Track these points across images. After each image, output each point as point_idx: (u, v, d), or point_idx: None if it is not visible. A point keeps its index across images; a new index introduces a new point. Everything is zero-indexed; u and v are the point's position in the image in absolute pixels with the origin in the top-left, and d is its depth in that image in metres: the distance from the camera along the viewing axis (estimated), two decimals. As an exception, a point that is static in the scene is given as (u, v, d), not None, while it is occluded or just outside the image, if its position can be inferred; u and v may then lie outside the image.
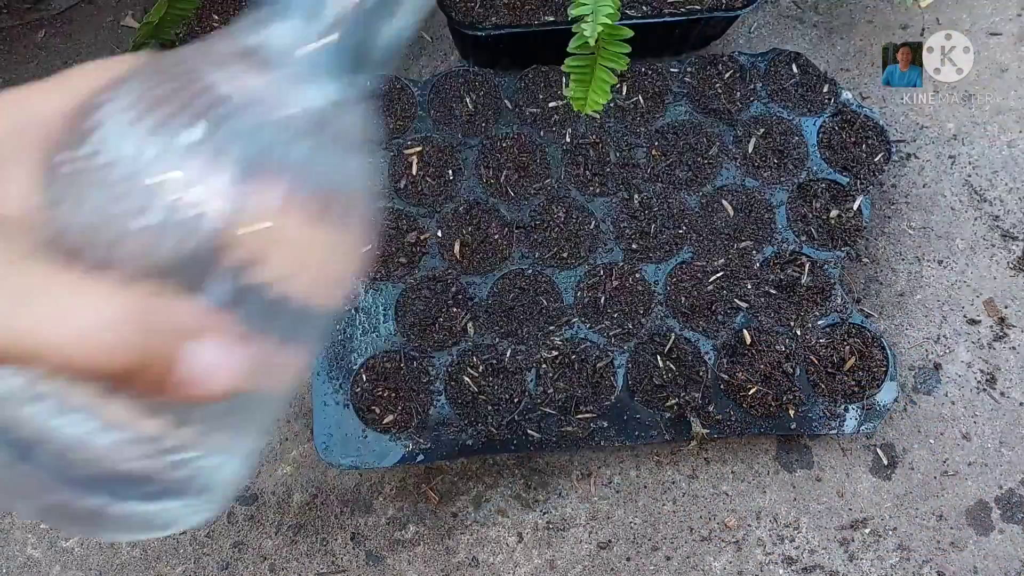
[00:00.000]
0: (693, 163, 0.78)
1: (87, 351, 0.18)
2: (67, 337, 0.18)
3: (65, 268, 0.19)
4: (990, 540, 0.77)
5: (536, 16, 0.81)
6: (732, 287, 0.75)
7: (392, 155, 0.78)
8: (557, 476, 0.78)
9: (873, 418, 0.73)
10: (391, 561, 0.75)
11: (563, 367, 0.72)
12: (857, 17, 0.94)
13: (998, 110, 0.90)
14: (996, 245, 0.85)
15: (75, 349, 0.18)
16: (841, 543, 0.76)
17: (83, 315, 0.19)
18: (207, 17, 0.82)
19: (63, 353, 0.18)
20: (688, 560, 0.76)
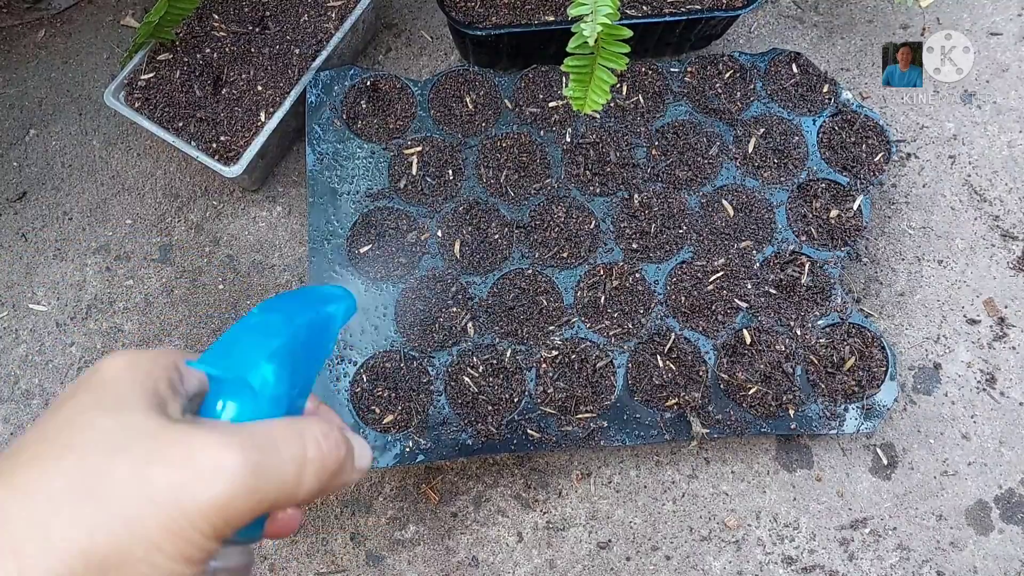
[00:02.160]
0: (693, 163, 0.78)
1: (320, 467, 0.25)
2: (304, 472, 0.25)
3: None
4: (990, 540, 0.77)
5: (536, 16, 0.81)
6: (732, 287, 0.75)
7: (392, 155, 0.78)
8: (557, 476, 0.78)
9: (873, 418, 0.73)
10: (391, 561, 0.75)
11: (563, 367, 0.72)
12: (857, 17, 0.94)
13: (998, 110, 0.90)
14: (996, 245, 0.85)
15: (311, 476, 0.25)
16: (841, 543, 0.76)
17: (310, 437, 0.26)
18: (207, 17, 0.82)
19: (305, 484, 0.25)
20: (688, 560, 0.76)
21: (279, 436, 0.25)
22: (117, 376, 0.25)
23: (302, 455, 0.25)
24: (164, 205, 0.86)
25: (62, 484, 0.21)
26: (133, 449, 0.22)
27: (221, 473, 0.22)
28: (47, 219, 0.86)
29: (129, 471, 0.22)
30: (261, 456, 0.23)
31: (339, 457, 0.27)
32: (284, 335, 0.30)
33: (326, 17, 0.82)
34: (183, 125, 0.79)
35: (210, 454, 0.23)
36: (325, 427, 0.27)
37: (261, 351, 0.29)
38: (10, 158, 0.88)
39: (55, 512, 0.21)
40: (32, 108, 0.90)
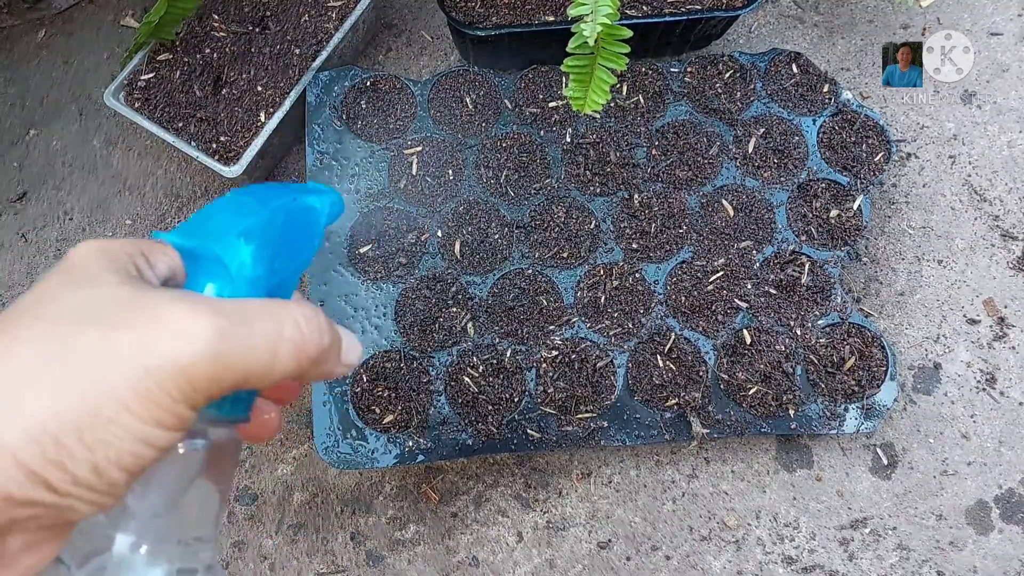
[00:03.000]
0: (693, 163, 0.78)
1: (298, 346, 0.25)
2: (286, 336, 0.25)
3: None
4: (989, 540, 0.77)
5: (536, 16, 0.81)
6: (732, 287, 0.75)
7: (392, 155, 0.78)
8: (557, 476, 0.78)
9: (873, 418, 0.73)
10: (391, 560, 0.75)
11: (563, 367, 0.72)
12: (857, 17, 0.94)
13: (998, 110, 0.90)
14: (996, 245, 0.85)
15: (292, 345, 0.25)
16: (841, 542, 0.76)
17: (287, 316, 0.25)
18: (207, 17, 0.82)
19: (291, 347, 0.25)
20: (688, 559, 0.76)
21: (252, 310, 0.25)
22: (86, 257, 0.25)
23: (277, 331, 0.25)
24: (164, 205, 0.87)
25: (31, 351, 0.22)
26: (101, 316, 0.23)
27: (186, 336, 0.22)
28: (48, 219, 0.86)
29: (96, 335, 0.22)
30: (230, 325, 0.23)
31: (320, 343, 0.26)
32: (259, 215, 0.29)
33: (326, 17, 0.82)
34: (183, 125, 0.79)
35: (176, 317, 0.23)
36: (308, 311, 0.26)
37: (233, 228, 0.28)
38: (11, 158, 0.88)
39: (24, 378, 0.21)
40: (33, 108, 0.90)
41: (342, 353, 0.28)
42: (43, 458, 0.21)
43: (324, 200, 0.32)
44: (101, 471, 0.22)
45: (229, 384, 0.23)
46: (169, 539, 0.27)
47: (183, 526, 0.27)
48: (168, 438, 0.23)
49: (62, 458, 0.21)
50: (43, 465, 0.21)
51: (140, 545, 0.26)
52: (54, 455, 0.21)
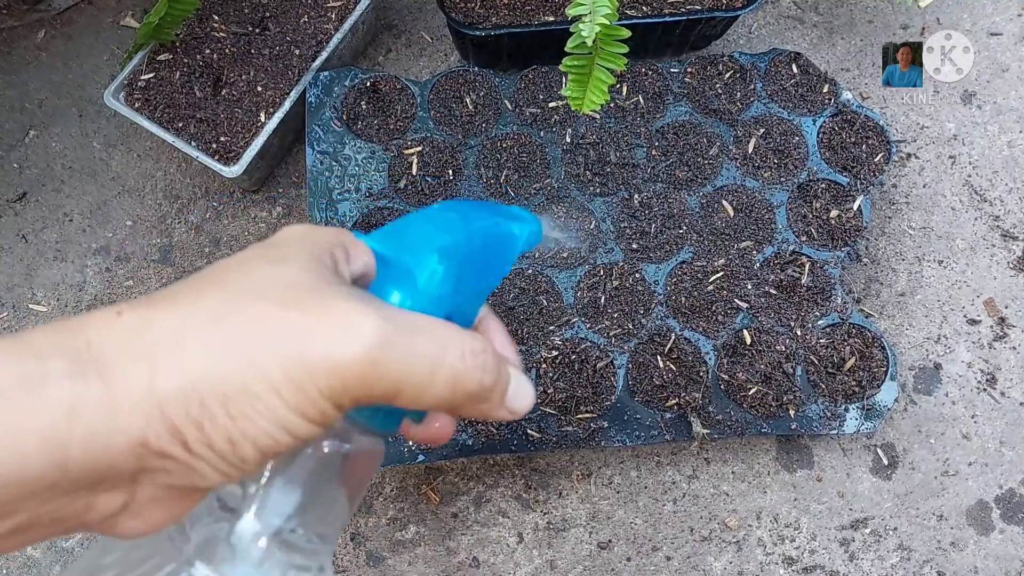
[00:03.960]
0: (693, 163, 0.78)
1: (457, 377, 0.24)
2: (447, 364, 0.24)
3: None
4: (990, 540, 0.76)
5: (536, 16, 0.81)
6: (732, 287, 0.75)
7: (392, 155, 0.78)
8: (557, 476, 0.78)
9: (873, 418, 0.73)
10: (392, 561, 0.75)
11: (563, 367, 0.72)
12: (857, 17, 0.94)
13: (998, 110, 0.90)
14: (996, 245, 0.85)
15: (454, 374, 0.24)
16: (841, 543, 0.76)
17: (455, 343, 0.24)
18: (207, 18, 0.82)
19: (446, 378, 0.24)
20: (689, 560, 0.76)
21: (424, 328, 0.24)
22: (291, 236, 0.26)
23: (440, 355, 0.24)
24: (164, 206, 0.87)
25: (205, 312, 0.22)
26: (280, 294, 0.23)
27: (350, 334, 0.22)
28: (47, 220, 0.86)
29: (267, 311, 0.22)
30: (397, 336, 0.23)
31: (480, 380, 0.25)
32: (458, 234, 0.29)
33: (326, 18, 0.82)
34: (183, 126, 0.79)
35: (347, 314, 0.22)
36: (479, 345, 0.25)
37: (431, 243, 0.28)
38: (10, 159, 0.88)
39: (194, 333, 0.22)
40: (32, 109, 0.90)
41: (507, 397, 0.27)
42: (186, 415, 0.21)
43: (524, 228, 0.32)
44: (236, 443, 0.22)
45: (380, 393, 0.23)
46: (290, 536, 0.26)
47: (308, 524, 0.27)
48: (307, 430, 0.22)
49: (203, 420, 0.21)
50: (184, 422, 0.21)
51: (260, 536, 0.26)
52: (197, 415, 0.21)
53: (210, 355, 0.21)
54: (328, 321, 0.22)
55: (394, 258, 0.28)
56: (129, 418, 0.20)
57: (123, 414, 0.20)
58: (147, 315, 0.22)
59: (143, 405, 0.21)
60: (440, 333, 0.24)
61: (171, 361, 0.21)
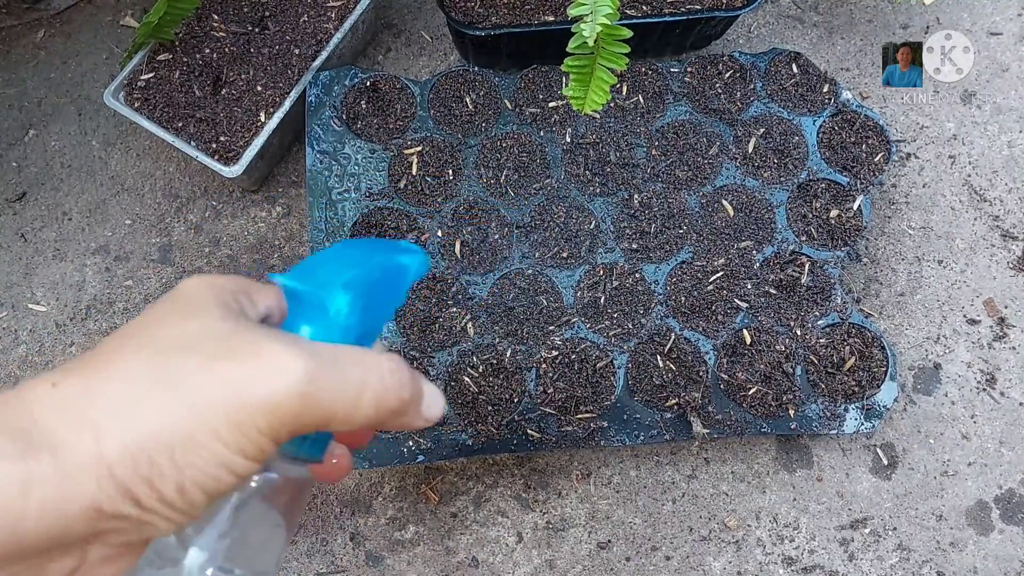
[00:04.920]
0: (693, 163, 0.78)
1: (380, 396, 0.26)
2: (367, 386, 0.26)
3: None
4: (990, 540, 0.76)
5: (536, 16, 0.81)
6: (732, 287, 0.75)
7: (392, 155, 0.78)
8: (557, 476, 0.78)
9: (873, 418, 0.73)
10: (391, 561, 0.75)
11: (563, 367, 0.72)
12: (857, 17, 0.94)
13: (998, 110, 0.90)
14: (996, 245, 0.85)
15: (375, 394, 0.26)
16: (841, 543, 0.76)
17: (374, 366, 0.26)
18: (207, 17, 0.82)
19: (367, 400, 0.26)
20: (688, 560, 0.76)
21: (344, 357, 0.26)
22: (194, 290, 0.27)
23: (363, 379, 0.26)
24: (164, 205, 0.86)
25: (138, 373, 0.23)
26: (205, 346, 0.24)
27: (282, 373, 0.24)
28: (46, 219, 0.86)
29: (199, 364, 0.23)
30: (322, 368, 0.24)
31: (400, 395, 0.27)
32: (361, 268, 0.31)
33: (326, 17, 0.82)
34: (183, 125, 0.78)
35: (275, 356, 0.24)
36: (394, 364, 0.27)
37: (339, 277, 0.30)
38: (9, 158, 0.88)
39: (132, 395, 0.23)
40: (31, 108, 0.90)
41: (422, 407, 0.30)
42: (136, 474, 0.22)
43: (415, 260, 0.35)
44: (185, 492, 0.23)
45: (313, 423, 0.25)
46: (235, 565, 0.28)
47: (248, 558, 0.28)
48: (248, 468, 0.24)
49: (152, 476, 0.22)
50: (134, 481, 0.22)
51: (209, 566, 0.27)
52: (146, 472, 0.22)
53: (151, 413, 0.22)
54: (258, 364, 0.24)
55: (305, 293, 0.30)
56: (81, 486, 0.21)
57: (75, 483, 0.21)
58: (83, 384, 0.23)
59: (93, 471, 0.22)
60: (360, 359, 0.26)
61: (115, 425, 0.22)
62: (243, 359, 0.24)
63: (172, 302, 0.27)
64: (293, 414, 0.24)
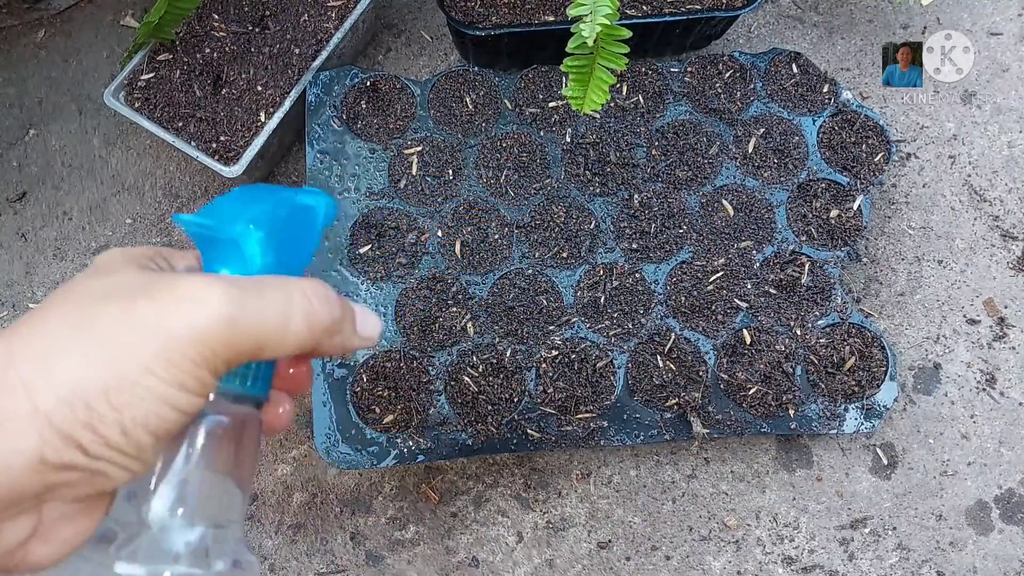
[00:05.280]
0: (693, 163, 0.78)
1: (309, 315, 0.26)
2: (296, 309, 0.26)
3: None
4: (989, 540, 0.77)
5: (536, 16, 0.81)
6: (732, 287, 0.75)
7: (392, 154, 0.78)
8: (557, 476, 0.78)
9: (873, 418, 0.73)
10: (391, 561, 0.75)
11: (563, 367, 0.72)
12: (857, 17, 0.94)
13: (998, 110, 0.90)
14: (996, 245, 0.85)
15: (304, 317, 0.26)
16: (841, 543, 0.76)
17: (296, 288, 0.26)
18: (207, 17, 0.82)
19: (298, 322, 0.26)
20: (688, 560, 0.76)
21: (267, 283, 0.26)
22: (110, 256, 0.28)
23: (287, 300, 0.26)
24: (164, 205, 0.86)
25: (59, 325, 0.23)
26: (123, 292, 0.24)
27: (201, 303, 0.23)
28: (47, 219, 0.86)
29: (119, 307, 0.23)
30: (243, 294, 0.24)
31: (331, 313, 0.27)
32: (266, 204, 0.31)
33: (326, 17, 0.82)
34: (183, 125, 0.79)
35: (194, 288, 0.24)
36: (316, 285, 0.27)
37: (245, 214, 0.30)
38: (10, 158, 0.88)
39: (54, 347, 0.23)
40: (32, 108, 0.90)
41: (357, 326, 0.30)
42: (74, 420, 0.22)
43: (320, 201, 0.34)
44: (129, 432, 0.22)
45: (247, 350, 0.24)
46: (196, 517, 0.28)
47: (208, 509, 0.28)
48: (191, 402, 0.24)
49: (92, 420, 0.22)
50: (74, 427, 0.22)
51: (177, 508, 0.27)
52: (85, 417, 0.22)
53: (79, 360, 0.22)
54: (179, 297, 0.24)
55: (217, 233, 0.30)
56: (22, 441, 0.21)
57: (15, 438, 0.21)
58: (5, 347, 0.23)
59: (32, 425, 0.21)
60: (282, 283, 0.26)
61: (43, 378, 0.22)
62: (162, 297, 0.24)
63: (90, 270, 0.27)
64: (223, 341, 0.23)
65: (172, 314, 0.23)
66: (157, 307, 0.23)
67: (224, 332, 0.23)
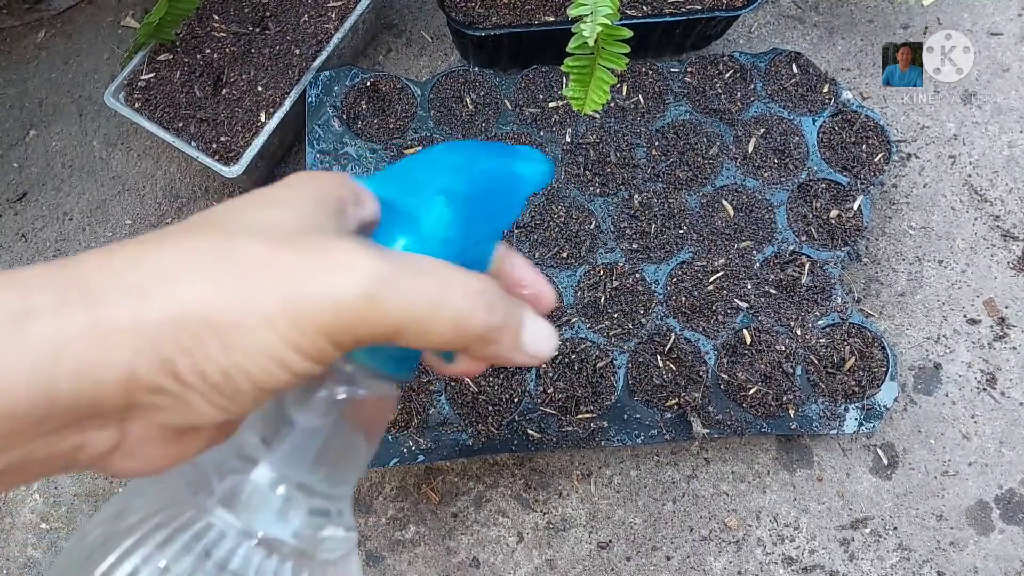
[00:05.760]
0: (693, 163, 0.78)
1: (460, 316, 0.23)
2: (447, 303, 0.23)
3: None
4: (990, 540, 0.76)
5: (536, 16, 0.81)
6: (732, 287, 0.75)
7: (392, 155, 0.78)
8: (557, 476, 0.78)
9: (873, 418, 0.73)
10: (391, 561, 0.75)
11: (563, 367, 0.72)
12: (858, 17, 0.94)
13: (999, 110, 0.90)
14: (996, 245, 0.85)
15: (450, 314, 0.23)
16: (841, 543, 0.76)
17: (458, 283, 0.24)
18: (207, 17, 0.82)
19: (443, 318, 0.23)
20: (688, 560, 0.76)
21: (425, 267, 0.23)
22: (295, 180, 0.25)
23: (440, 294, 0.23)
24: (164, 205, 0.87)
25: (198, 248, 0.22)
26: (274, 232, 0.22)
27: (348, 271, 0.21)
28: (47, 219, 0.86)
29: (263, 249, 0.22)
30: (393, 274, 0.22)
31: (486, 320, 0.24)
32: (463, 175, 0.27)
33: (326, 18, 0.82)
34: (183, 125, 0.79)
35: (345, 252, 0.22)
36: (484, 286, 0.24)
37: (435, 185, 0.27)
38: (10, 159, 0.88)
39: (185, 264, 0.21)
40: (32, 109, 0.90)
41: (523, 341, 0.26)
42: (177, 345, 0.20)
43: (534, 169, 0.30)
44: (229, 375, 0.21)
45: (380, 333, 0.22)
46: (309, 481, 0.26)
47: (326, 471, 0.27)
48: (305, 368, 0.22)
49: (195, 351, 0.20)
50: (174, 352, 0.20)
51: (279, 484, 0.26)
52: (188, 344, 0.20)
53: (203, 288, 0.21)
54: (325, 258, 0.22)
55: (396, 202, 0.27)
56: (117, 350, 0.20)
57: (111, 346, 0.20)
58: (139, 252, 0.22)
59: (132, 337, 0.20)
60: (442, 272, 0.24)
61: (163, 293, 0.20)
62: (310, 251, 0.22)
63: (267, 190, 0.25)
64: (356, 318, 0.21)
65: (313, 274, 0.21)
66: (301, 262, 0.22)
67: (360, 309, 0.21)
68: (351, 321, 0.22)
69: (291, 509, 0.26)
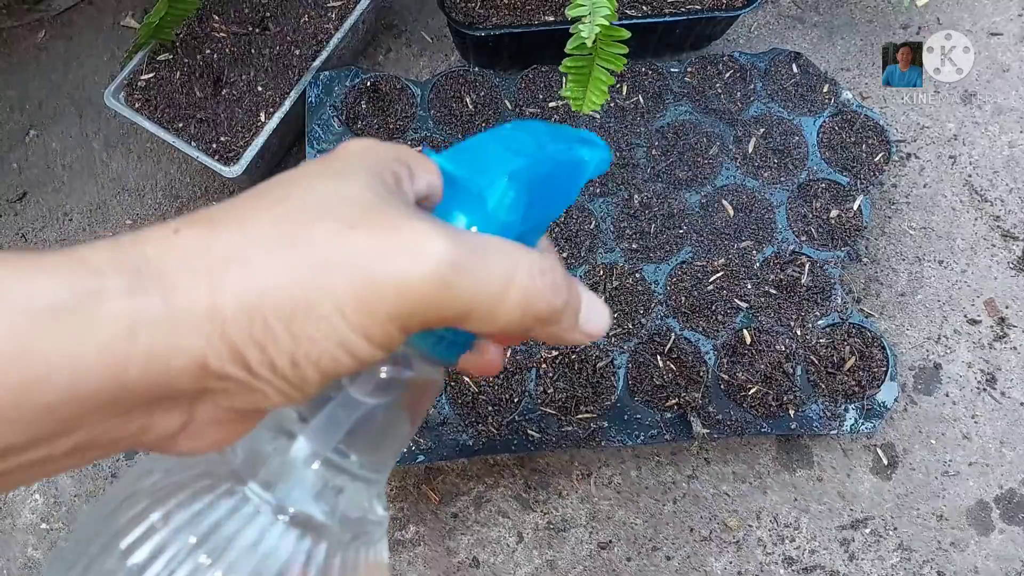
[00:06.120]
0: (693, 163, 0.78)
1: (528, 298, 0.23)
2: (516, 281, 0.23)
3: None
4: (990, 540, 0.76)
5: (536, 16, 0.81)
6: (732, 287, 0.75)
7: (392, 155, 0.78)
8: (557, 476, 0.78)
9: (873, 418, 0.73)
10: (391, 561, 0.75)
11: (563, 367, 0.72)
12: (857, 17, 0.94)
13: (999, 110, 0.90)
14: (997, 245, 0.85)
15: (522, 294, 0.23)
16: (842, 543, 0.76)
17: (525, 263, 0.23)
18: (207, 18, 0.82)
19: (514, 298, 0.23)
20: (689, 560, 0.76)
21: (494, 248, 0.23)
22: (351, 151, 0.25)
23: (510, 275, 0.22)
24: (164, 206, 0.87)
25: (268, 230, 0.21)
26: (342, 211, 0.22)
27: (422, 254, 0.21)
28: (47, 220, 0.86)
29: (333, 230, 0.21)
30: (468, 256, 0.21)
31: (551, 300, 0.24)
32: (531, 158, 0.27)
33: (326, 18, 0.82)
34: (183, 126, 0.79)
35: (417, 233, 0.21)
36: (547, 264, 0.24)
37: (503, 166, 0.26)
38: (10, 159, 0.88)
39: (256, 252, 0.21)
40: (32, 109, 0.90)
41: (581, 320, 0.26)
42: (249, 336, 0.20)
43: (595, 155, 0.30)
44: (298, 365, 0.21)
45: (450, 316, 0.22)
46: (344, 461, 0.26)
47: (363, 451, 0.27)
48: (371, 353, 0.21)
49: (266, 341, 0.20)
50: (246, 343, 0.20)
51: (314, 460, 0.26)
52: (260, 336, 0.20)
53: (275, 274, 0.20)
54: (397, 241, 0.21)
55: (463, 179, 0.26)
56: (190, 338, 0.20)
57: (184, 334, 0.20)
58: (207, 233, 0.21)
59: (204, 325, 0.20)
60: (509, 251, 0.23)
61: (234, 279, 0.20)
62: (381, 232, 0.21)
63: (322, 162, 0.24)
64: (427, 302, 0.21)
65: (385, 257, 0.21)
66: (372, 244, 0.21)
67: (433, 293, 0.21)
68: (421, 305, 0.21)
69: (323, 487, 0.26)
